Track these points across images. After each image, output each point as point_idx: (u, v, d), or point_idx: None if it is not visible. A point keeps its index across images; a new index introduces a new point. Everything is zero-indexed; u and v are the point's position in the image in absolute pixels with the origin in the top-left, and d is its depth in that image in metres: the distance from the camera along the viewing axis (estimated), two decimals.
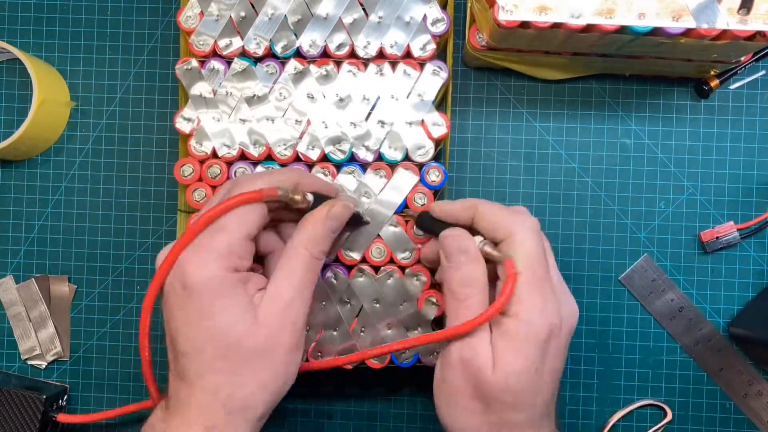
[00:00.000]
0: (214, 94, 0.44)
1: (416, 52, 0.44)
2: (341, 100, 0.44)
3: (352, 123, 0.44)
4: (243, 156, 0.45)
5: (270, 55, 0.44)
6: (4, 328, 0.52)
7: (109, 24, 0.52)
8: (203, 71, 0.44)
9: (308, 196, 0.38)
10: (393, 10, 0.43)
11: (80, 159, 0.52)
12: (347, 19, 0.44)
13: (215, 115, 0.44)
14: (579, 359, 0.51)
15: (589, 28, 0.39)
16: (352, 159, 0.45)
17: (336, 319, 0.44)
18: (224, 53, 0.44)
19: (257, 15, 0.44)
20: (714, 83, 0.50)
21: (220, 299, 0.34)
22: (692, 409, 0.50)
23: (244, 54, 0.44)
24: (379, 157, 0.45)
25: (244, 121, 0.44)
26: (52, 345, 0.52)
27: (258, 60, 0.44)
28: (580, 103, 0.51)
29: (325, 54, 0.45)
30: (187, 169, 0.44)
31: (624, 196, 0.51)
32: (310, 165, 0.44)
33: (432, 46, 0.44)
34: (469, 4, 0.47)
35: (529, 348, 0.35)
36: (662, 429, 0.50)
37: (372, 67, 0.44)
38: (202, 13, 0.44)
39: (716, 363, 0.50)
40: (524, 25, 0.40)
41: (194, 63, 0.44)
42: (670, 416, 0.50)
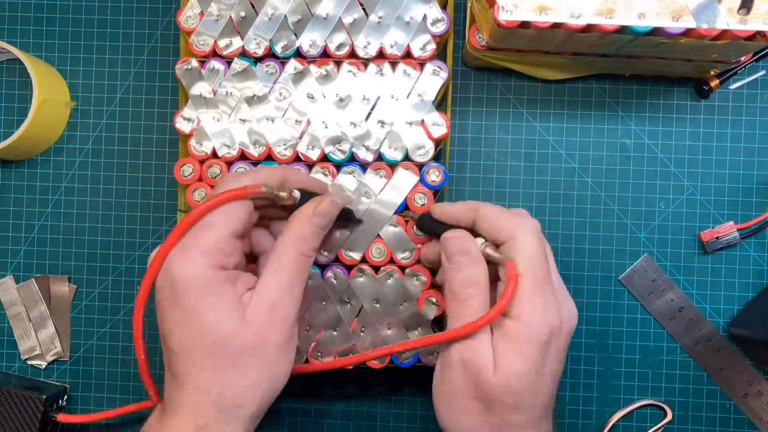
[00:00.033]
0: (214, 94, 0.44)
1: (416, 52, 0.44)
2: (341, 100, 0.44)
3: (352, 123, 0.44)
4: (243, 156, 0.45)
5: (270, 55, 0.44)
6: (4, 328, 0.52)
7: (109, 24, 0.52)
8: (203, 71, 0.44)
9: (295, 192, 0.38)
10: (393, 10, 0.43)
11: (80, 159, 0.52)
12: (347, 19, 0.44)
13: (215, 115, 0.44)
14: (579, 359, 0.51)
15: (589, 28, 0.39)
16: (352, 159, 0.45)
17: (336, 319, 0.44)
18: (224, 53, 0.44)
19: (257, 15, 0.44)
20: (714, 83, 0.50)
21: (207, 297, 0.34)
22: (692, 409, 0.50)
23: (244, 54, 0.44)
24: (379, 157, 0.45)
25: (244, 121, 0.44)
26: (52, 345, 0.52)
27: (258, 60, 0.44)
28: (580, 103, 0.51)
29: (325, 54, 0.45)
30: (187, 169, 0.44)
31: (624, 196, 0.51)
32: (310, 165, 0.44)
33: (432, 46, 0.44)
34: (469, 4, 0.47)
35: (531, 350, 0.35)
36: (662, 429, 0.50)
37: (372, 67, 0.44)
38: (202, 13, 0.44)
39: (716, 363, 0.50)
40: (524, 25, 0.40)
41: (194, 63, 0.44)
42: (670, 416, 0.50)
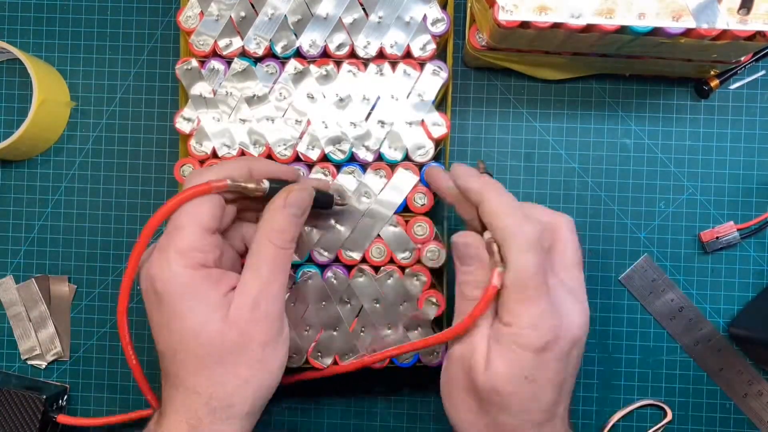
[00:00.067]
0: (214, 94, 0.44)
1: (416, 52, 0.44)
2: (341, 100, 0.44)
3: (352, 123, 0.44)
4: (243, 156, 0.45)
5: (270, 55, 0.44)
6: (4, 328, 0.52)
7: (109, 24, 0.52)
8: (203, 71, 0.44)
9: (263, 183, 0.37)
10: (393, 10, 0.43)
11: (80, 159, 0.52)
12: (347, 19, 0.44)
13: (215, 115, 0.44)
14: None
15: (589, 28, 0.39)
16: (352, 159, 0.45)
17: (336, 319, 0.44)
18: (224, 53, 0.44)
19: (257, 15, 0.44)
20: (714, 83, 0.50)
21: (188, 299, 0.34)
22: (692, 409, 0.50)
23: (244, 54, 0.44)
24: (379, 157, 0.45)
25: (244, 121, 0.44)
26: (52, 345, 0.52)
27: (258, 60, 0.44)
28: (580, 103, 0.51)
29: (325, 54, 0.45)
30: (187, 169, 0.44)
31: (624, 196, 0.51)
32: (310, 165, 0.44)
33: (432, 46, 0.44)
34: (469, 4, 0.47)
35: (518, 356, 0.35)
36: (662, 429, 0.50)
37: (372, 67, 0.44)
38: (202, 13, 0.44)
39: (716, 363, 0.50)
40: (524, 25, 0.40)
41: (194, 63, 0.44)
42: (670, 416, 0.50)
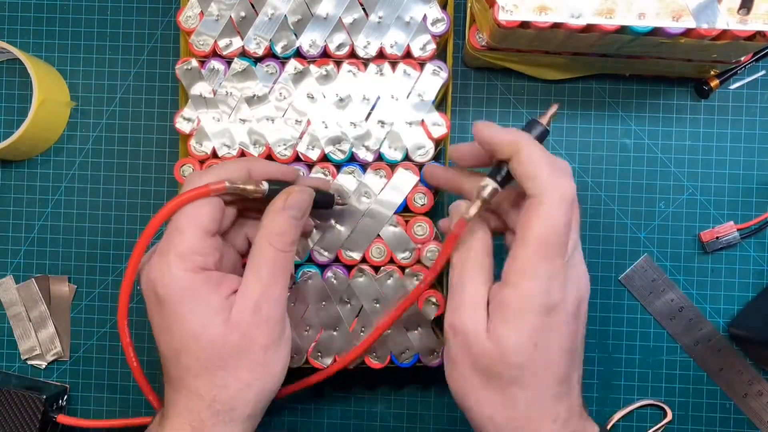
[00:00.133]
0: (214, 94, 0.44)
1: (416, 52, 0.44)
2: (341, 100, 0.44)
3: (352, 123, 0.44)
4: (243, 156, 0.45)
5: (270, 55, 0.44)
6: (4, 328, 0.52)
7: (109, 24, 0.52)
8: (203, 71, 0.44)
9: (263, 184, 0.37)
10: (393, 10, 0.43)
11: (80, 159, 0.52)
12: (347, 19, 0.44)
13: (215, 115, 0.44)
14: None
15: (589, 28, 0.39)
16: (352, 159, 0.45)
17: (336, 319, 0.44)
18: (224, 53, 0.44)
19: (257, 15, 0.44)
20: (714, 83, 0.50)
21: (188, 303, 0.34)
22: (692, 409, 0.50)
23: (244, 54, 0.44)
24: (379, 157, 0.45)
25: (244, 121, 0.44)
26: (52, 345, 0.52)
27: (258, 60, 0.44)
28: (580, 103, 0.51)
29: (325, 54, 0.45)
30: (187, 169, 0.44)
31: (624, 196, 0.51)
32: (310, 165, 0.44)
33: (432, 46, 0.44)
34: (469, 4, 0.47)
35: (525, 322, 0.33)
36: (662, 429, 0.50)
37: (372, 67, 0.44)
38: (202, 13, 0.44)
39: (716, 363, 0.50)
40: (524, 25, 0.40)
41: (194, 63, 0.44)
42: (670, 416, 0.50)
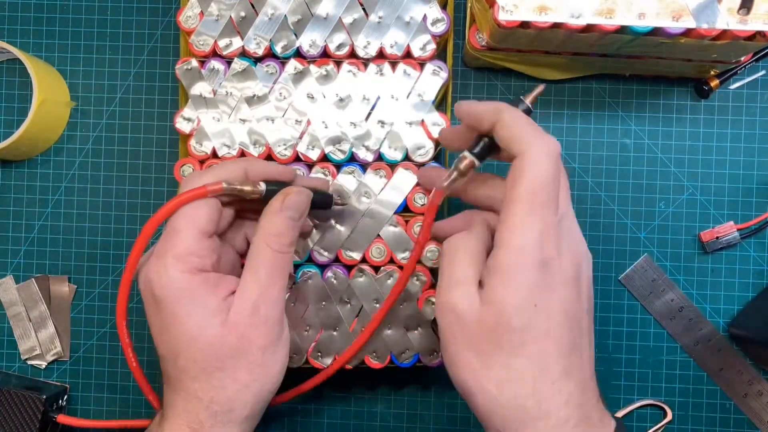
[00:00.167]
0: (214, 94, 0.44)
1: (416, 52, 0.44)
2: (341, 100, 0.44)
3: (352, 123, 0.44)
4: (243, 156, 0.45)
5: (270, 55, 0.44)
6: (4, 328, 0.52)
7: (109, 24, 0.52)
8: (203, 71, 0.44)
9: (260, 185, 0.37)
10: (393, 10, 0.43)
11: (80, 159, 0.52)
12: (347, 19, 0.44)
13: (215, 115, 0.44)
14: None
15: (589, 28, 0.39)
16: (352, 159, 0.45)
17: (336, 319, 0.44)
18: (224, 53, 0.44)
19: (257, 15, 0.44)
20: (714, 83, 0.50)
21: (186, 304, 0.34)
22: (692, 409, 0.50)
23: (244, 54, 0.44)
24: (379, 157, 0.45)
25: (244, 121, 0.44)
26: (52, 345, 0.52)
27: (258, 60, 0.44)
28: (580, 103, 0.51)
29: (325, 54, 0.45)
30: (187, 169, 0.44)
31: (624, 196, 0.51)
32: (310, 165, 0.44)
33: (432, 46, 0.44)
34: (469, 4, 0.47)
35: (519, 277, 0.31)
36: (662, 429, 0.50)
37: (372, 67, 0.44)
38: (202, 13, 0.44)
39: (716, 363, 0.50)
40: (524, 25, 0.40)
41: (194, 63, 0.44)
42: (670, 416, 0.50)
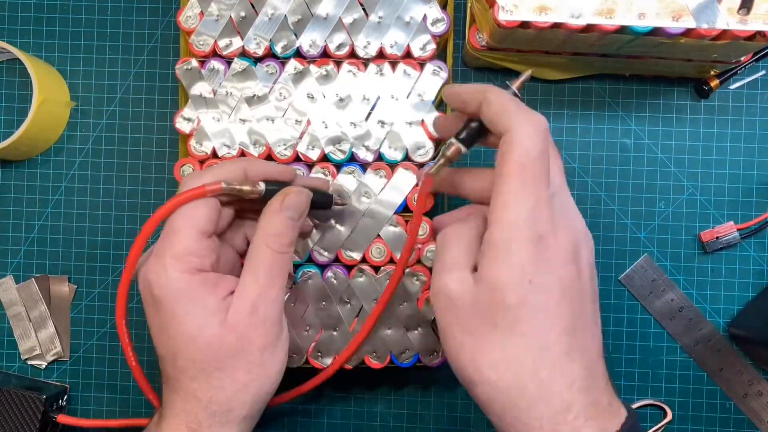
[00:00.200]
0: (214, 94, 0.44)
1: (416, 52, 0.44)
2: (341, 100, 0.44)
3: (352, 123, 0.44)
4: (243, 156, 0.45)
5: (270, 55, 0.44)
6: (4, 328, 0.52)
7: (109, 24, 0.52)
8: (203, 71, 0.44)
9: (259, 185, 0.37)
10: (393, 10, 0.43)
11: (80, 159, 0.52)
12: (347, 19, 0.44)
13: (215, 115, 0.44)
14: None
15: (589, 28, 0.39)
16: (352, 159, 0.45)
17: (336, 319, 0.44)
18: (224, 53, 0.44)
19: (257, 15, 0.44)
20: (714, 83, 0.50)
21: (185, 304, 0.34)
22: (692, 409, 0.50)
23: (244, 54, 0.44)
24: (379, 157, 0.45)
25: (244, 121, 0.44)
26: (52, 345, 0.52)
27: (258, 60, 0.44)
28: (580, 103, 0.51)
29: (325, 54, 0.45)
30: (187, 169, 0.44)
31: (624, 196, 0.51)
32: (310, 165, 0.44)
33: (432, 46, 0.44)
34: (469, 4, 0.47)
35: (512, 252, 0.31)
36: (662, 429, 0.50)
37: (372, 67, 0.44)
38: (202, 13, 0.44)
39: (716, 363, 0.50)
40: (524, 25, 0.40)
41: (194, 63, 0.44)
42: (670, 416, 0.50)
